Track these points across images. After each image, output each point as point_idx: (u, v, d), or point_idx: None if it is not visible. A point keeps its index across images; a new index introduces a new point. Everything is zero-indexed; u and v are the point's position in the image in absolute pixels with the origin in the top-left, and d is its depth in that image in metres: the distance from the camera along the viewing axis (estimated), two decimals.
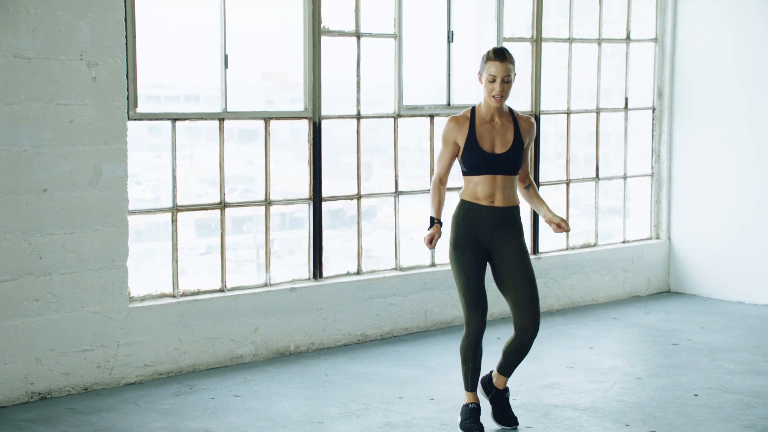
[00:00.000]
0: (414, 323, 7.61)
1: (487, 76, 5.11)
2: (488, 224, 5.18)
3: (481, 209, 5.18)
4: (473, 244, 5.20)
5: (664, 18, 9.16)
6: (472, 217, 5.19)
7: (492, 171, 5.16)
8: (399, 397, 6.03)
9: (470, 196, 5.22)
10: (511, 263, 5.21)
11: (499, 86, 5.10)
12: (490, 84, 5.11)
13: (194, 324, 6.57)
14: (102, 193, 6.20)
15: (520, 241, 5.23)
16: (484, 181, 5.18)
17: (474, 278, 5.21)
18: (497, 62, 5.07)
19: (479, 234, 5.20)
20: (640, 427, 5.44)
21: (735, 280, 8.85)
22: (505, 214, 5.20)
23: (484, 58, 5.15)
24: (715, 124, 8.93)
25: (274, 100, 6.99)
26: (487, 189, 5.18)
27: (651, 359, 6.92)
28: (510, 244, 5.21)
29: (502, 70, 5.08)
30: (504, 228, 5.20)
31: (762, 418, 5.61)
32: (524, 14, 8.32)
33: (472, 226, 5.19)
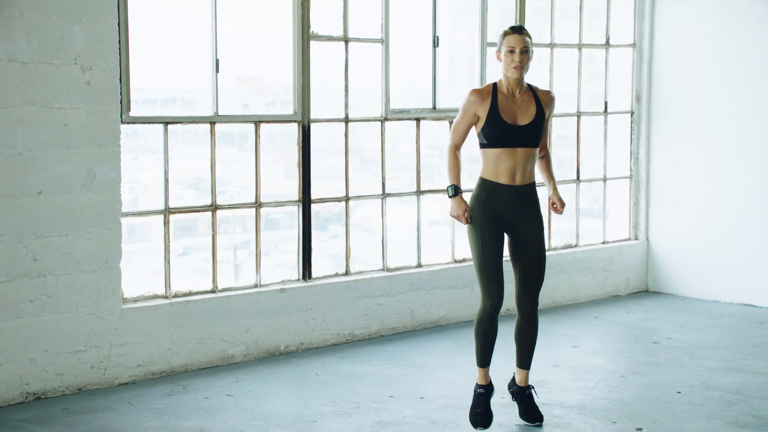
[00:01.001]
0: (401, 323, 7.61)
1: (506, 49, 5.20)
2: (509, 203, 5.25)
3: (502, 189, 5.23)
4: (493, 222, 5.25)
5: (641, 24, 9.22)
6: (493, 197, 5.24)
7: (513, 143, 5.20)
8: (389, 396, 6.04)
9: (491, 174, 5.25)
10: (527, 244, 5.30)
11: (519, 56, 5.17)
12: (510, 55, 5.20)
13: (186, 325, 6.55)
14: (96, 196, 6.17)
15: (539, 221, 5.33)
16: (506, 155, 5.21)
17: (492, 256, 5.24)
18: (515, 35, 5.20)
19: (500, 213, 5.25)
20: (627, 425, 5.47)
21: (711, 279, 8.91)
22: (525, 192, 5.26)
23: (502, 35, 5.26)
24: (691, 128, 9.00)
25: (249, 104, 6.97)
26: (509, 164, 5.21)
27: (633, 357, 6.96)
28: (530, 223, 5.30)
29: (520, 42, 5.18)
30: (524, 206, 5.28)
31: (744, 414, 5.66)
32: (506, 17, 8.35)
33: (493, 206, 5.24)
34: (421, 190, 7.80)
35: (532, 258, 5.33)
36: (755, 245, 8.63)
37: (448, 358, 6.94)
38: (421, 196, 7.80)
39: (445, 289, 7.83)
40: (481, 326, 5.34)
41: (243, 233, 9.78)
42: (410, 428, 5.45)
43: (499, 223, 5.27)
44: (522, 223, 5.29)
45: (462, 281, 7.92)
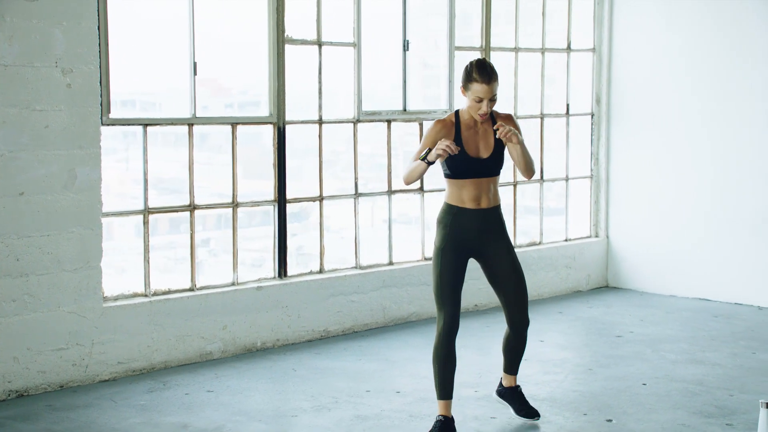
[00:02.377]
0: (373, 319, 7.62)
1: (473, 96, 4.93)
2: (475, 227, 5.08)
3: (468, 213, 5.07)
4: (458, 247, 5.08)
5: (601, 30, 9.30)
6: (459, 221, 5.07)
7: (477, 175, 5.06)
8: (366, 391, 6.04)
9: (456, 200, 5.09)
10: (501, 262, 5.14)
11: (486, 106, 4.95)
12: (477, 104, 4.94)
13: (165, 322, 6.50)
14: (77, 196, 6.11)
15: (507, 240, 5.19)
16: (470, 185, 5.06)
17: (450, 281, 5.04)
18: (484, 85, 4.89)
19: (467, 237, 5.08)
20: (597, 416, 5.52)
21: (668, 275, 9.02)
22: (491, 215, 5.12)
23: (469, 75, 4.96)
24: (648, 129, 9.10)
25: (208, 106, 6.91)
26: (473, 192, 5.07)
27: (598, 351, 7.02)
28: (498, 243, 5.14)
29: (488, 92, 4.91)
30: (491, 228, 5.12)
31: (707, 404, 5.73)
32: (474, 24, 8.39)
33: (459, 230, 5.07)
34: (392, 190, 7.80)
35: (509, 279, 5.16)
36: (709, 242, 8.75)
37: (421, 353, 6.95)
38: (392, 196, 7.81)
39: (415, 286, 7.85)
40: (439, 351, 5.07)
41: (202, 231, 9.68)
42: (389, 422, 5.46)
43: (464, 247, 5.10)
44: (490, 247, 5.13)
45: (431, 278, 7.92)
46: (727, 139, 8.60)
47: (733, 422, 5.40)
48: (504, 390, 5.49)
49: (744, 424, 5.36)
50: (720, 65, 8.59)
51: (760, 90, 8.37)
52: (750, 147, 8.47)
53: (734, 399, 5.83)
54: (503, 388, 5.49)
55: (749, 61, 8.42)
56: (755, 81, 8.40)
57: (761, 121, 8.39)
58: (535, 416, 5.38)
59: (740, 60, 8.47)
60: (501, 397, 5.52)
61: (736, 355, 6.87)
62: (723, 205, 8.67)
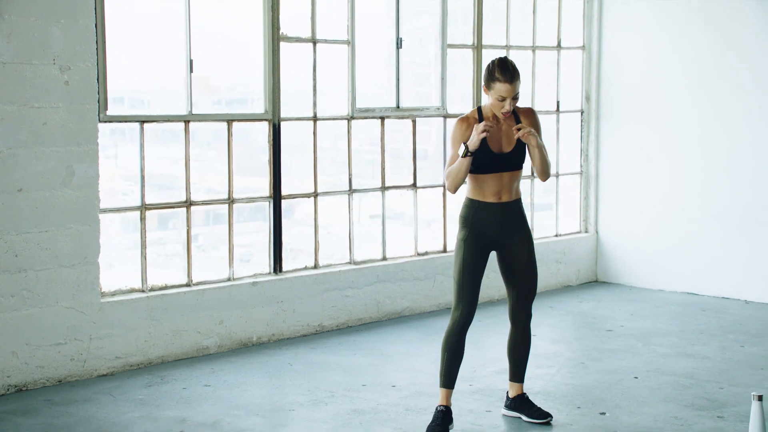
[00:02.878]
0: (367, 314, 7.63)
1: (496, 95, 4.93)
2: (496, 220, 5.09)
3: (489, 207, 5.07)
4: (479, 242, 5.09)
5: (590, 28, 9.32)
6: (481, 215, 5.08)
7: (500, 169, 5.05)
8: (362, 385, 6.05)
9: (477, 194, 5.09)
10: (519, 256, 5.17)
11: (509, 104, 4.94)
12: (500, 102, 4.94)
13: (162, 317, 6.50)
14: (75, 193, 6.09)
15: (527, 234, 5.19)
16: (492, 179, 5.05)
17: (471, 272, 5.06)
18: (507, 84, 4.91)
19: (488, 231, 5.09)
20: (591, 409, 5.55)
21: (656, 269, 9.06)
22: (512, 208, 5.12)
23: (491, 74, 4.96)
24: (637, 126, 9.13)
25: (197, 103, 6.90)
26: (495, 186, 5.06)
27: (590, 345, 7.05)
28: (519, 236, 5.15)
29: (511, 91, 4.93)
30: (512, 221, 5.13)
31: (698, 397, 5.76)
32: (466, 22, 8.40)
33: (481, 223, 5.08)
34: (385, 186, 7.81)
35: (524, 274, 5.19)
36: (696, 237, 8.79)
37: (415, 347, 6.97)
38: (385, 192, 7.82)
39: (409, 281, 7.87)
40: (449, 339, 5.13)
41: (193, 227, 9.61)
42: (386, 416, 5.47)
43: (485, 242, 5.12)
44: (510, 239, 5.14)
45: (425, 273, 7.96)
46: (716, 136, 8.64)
47: (724, 415, 5.43)
48: (512, 401, 5.38)
49: (735, 416, 5.39)
50: (709, 62, 8.63)
51: (749, 87, 8.41)
52: (738, 144, 8.51)
53: (724, 392, 5.86)
54: (510, 400, 5.39)
55: (738, 58, 8.46)
56: (744, 78, 8.43)
57: (749, 118, 8.43)
58: (548, 418, 5.26)
59: (729, 57, 8.51)
60: (510, 409, 5.39)
61: (725, 348, 6.91)
62: (710, 201, 8.71)
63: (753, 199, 8.46)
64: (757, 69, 8.35)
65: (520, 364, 5.36)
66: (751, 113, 8.41)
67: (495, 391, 5.87)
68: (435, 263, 8.05)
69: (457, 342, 5.13)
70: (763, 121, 8.35)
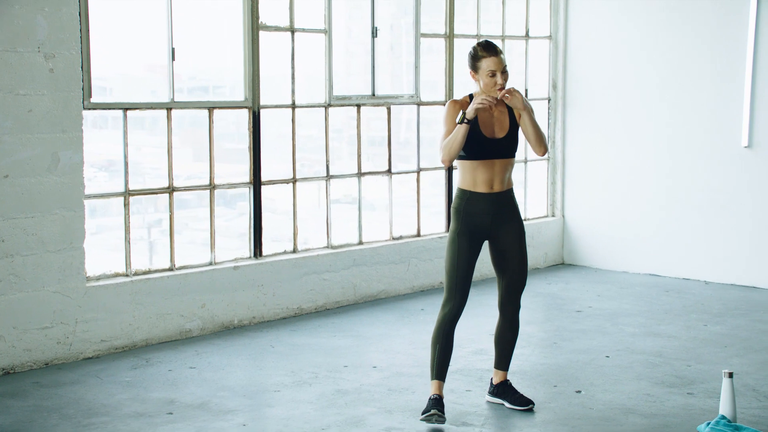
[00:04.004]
0: (344, 297, 7.64)
1: (487, 72, 4.85)
2: (488, 211, 4.97)
3: (481, 197, 4.96)
4: (472, 233, 4.97)
5: (557, 18, 9.38)
6: (472, 206, 4.96)
7: (492, 155, 4.93)
8: (344, 366, 6.06)
9: (469, 184, 4.97)
10: (510, 247, 5.05)
11: (501, 78, 4.86)
12: (491, 78, 4.85)
13: (146, 301, 6.47)
14: (60, 179, 6.04)
15: (519, 224, 5.08)
16: (483, 167, 4.93)
17: (464, 265, 4.95)
18: (493, 57, 4.84)
19: (480, 221, 4.98)
20: (567, 387, 5.61)
21: (620, 252, 9.17)
22: (504, 198, 5.01)
23: (476, 55, 4.90)
24: (602, 113, 9.22)
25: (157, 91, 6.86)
26: (486, 174, 4.95)
27: (561, 325, 7.12)
28: (510, 226, 5.05)
29: (499, 64, 4.84)
30: (504, 211, 5.02)
31: (667, 375, 5.85)
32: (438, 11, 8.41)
33: (472, 215, 4.97)
34: (361, 172, 7.82)
35: (516, 265, 5.09)
36: (659, 221, 8.90)
37: (392, 329, 7.00)
38: (361, 178, 7.83)
39: (384, 265, 7.89)
40: (441, 331, 5.01)
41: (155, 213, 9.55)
42: (369, 396, 5.49)
43: (477, 233, 5.00)
44: (502, 230, 5.03)
45: (399, 257, 7.99)
46: (677, 123, 8.74)
47: (694, 391, 5.52)
48: (495, 388, 5.32)
49: (704, 393, 5.48)
50: (671, 51, 8.72)
51: (709, 76, 8.52)
52: (699, 130, 8.62)
53: (692, 369, 5.96)
54: (494, 387, 5.33)
55: (699, 47, 8.56)
56: (704, 68, 8.54)
57: (709, 106, 8.54)
58: (529, 405, 5.20)
59: (690, 46, 8.61)
60: (494, 396, 5.33)
61: (689, 327, 7.02)
62: (672, 186, 8.82)
63: (713, 184, 8.59)
64: (717, 57, 8.45)
65: (506, 353, 5.29)
66: (711, 101, 8.52)
67: (474, 371, 5.92)
68: (409, 247, 8.09)
69: (448, 334, 5.02)
70: (723, 108, 8.46)
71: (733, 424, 4.72)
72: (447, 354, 5.05)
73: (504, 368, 5.32)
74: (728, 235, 8.53)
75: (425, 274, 8.18)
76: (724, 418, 4.75)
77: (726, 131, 8.49)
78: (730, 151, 8.49)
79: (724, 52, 8.41)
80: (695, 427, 4.89)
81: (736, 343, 6.58)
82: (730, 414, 4.78)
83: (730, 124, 8.45)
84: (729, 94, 8.42)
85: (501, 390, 5.31)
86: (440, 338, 5.03)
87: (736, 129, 8.44)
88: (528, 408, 5.20)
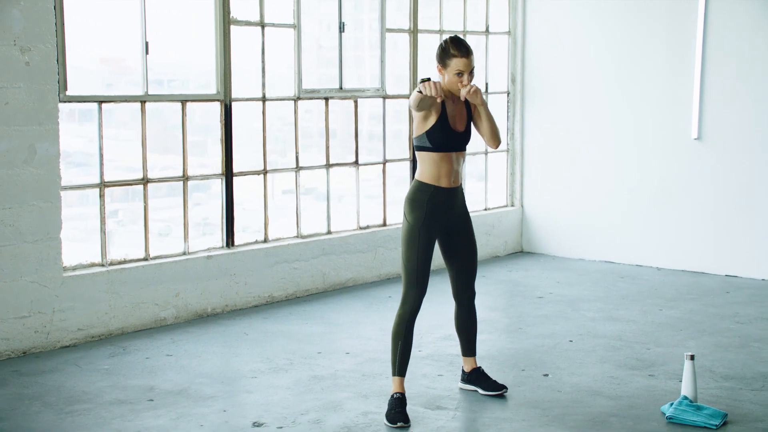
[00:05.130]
0: (314, 285, 7.65)
1: (454, 70, 4.78)
2: (448, 205, 4.93)
3: (443, 192, 4.89)
4: (432, 227, 4.90)
5: (515, 15, 9.45)
6: (435, 201, 4.88)
7: (454, 148, 4.90)
8: (318, 352, 6.08)
9: (433, 178, 4.88)
10: (463, 240, 5.06)
11: (467, 78, 4.79)
12: (458, 77, 4.79)
13: (122, 290, 6.43)
14: (37, 171, 5.97)
15: (469, 218, 5.10)
16: (446, 160, 4.86)
17: (423, 260, 4.87)
18: (463, 59, 4.78)
19: (440, 216, 4.91)
20: (534, 371, 5.68)
21: (576, 240, 9.29)
22: (460, 193, 5.02)
23: (446, 52, 4.81)
24: (559, 106, 9.32)
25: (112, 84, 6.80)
26: (448, 167, 4.87)
27: (524, 311, 7.20)
28: (465, 221, 5.06)
29: (467, 65, 4.79)
30: (460, 206, 5.04)
31: (629, 357, 5.95)
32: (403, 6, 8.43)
33: (435, 209, 4.89)
34: (329, 163, 7.83)
35: (467, 254, 5.07)
36: (613, 210, 9.04)
37: (362, 316, 7.03)
38: (329, 169, 7.83)
39: (352, 254, 7.91)
40: (401, 327, 4.92)
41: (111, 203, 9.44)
42: (344, 381, 5.51)
43: (437, 227, 4.93)
44: (458, 222, 5.01)
45: (366, 246, 8.02)
46: (630, 117, 8.87)
47: (655, 373, 5.63)
48: (467, 375, 5.31)
49: (665, 374, 5.59)
50: (625, 48, 8.84)
51: (662, 71, 8.64)
52: (650, 124, 8.76)
53: (651, 352, 6.07)
54: (466, 374, 5.32)
55: (650, 44, 8.69)
56: (657, 62, 8.67)
57: (661, 100, 8.68)
58: (502, 390, 5.23)
59: (643, 43, 8.73)
60: (467, 383, 5.32)
61: (646, 312, 7.14)
62: (625, 175, 8.96)
63: (664, 174, 8.74)
64: (669, 52, 8.59)
65: (470, 340, 5.30)
66: (661, 94, 8.66)
67: (444, 356, 5.97)
68: (376, 236, 8.12)
69: (408, 329, 4.93)
70: (674, 102, 8.60)
71: (695, 404, 4.83)
72: (409, 350, 4.96)
73: (472, 354, 5.34)
74: (679, 223, 8.68)
75: (391, 262, 8.21)
76: (687, 398, 4.86)
77: (677, 124, 8.64)
78: (681, 143, 8.64)
79: (676, 48, 8.55)
80: (659, 408, 4.99)
81: (690, 326, 6.71)
82: (691, 394, 4.89)
83: (680, 118, 8.60)
84: (680, 88, 8.56)
85: (474, 377, 5.32)
86: (401, 334, 4.93)
87: (687, 122, 8.58)
88: (501, 393, 5.23)
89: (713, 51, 8.35)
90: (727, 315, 7.02)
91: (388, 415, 4.84)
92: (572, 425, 4.79)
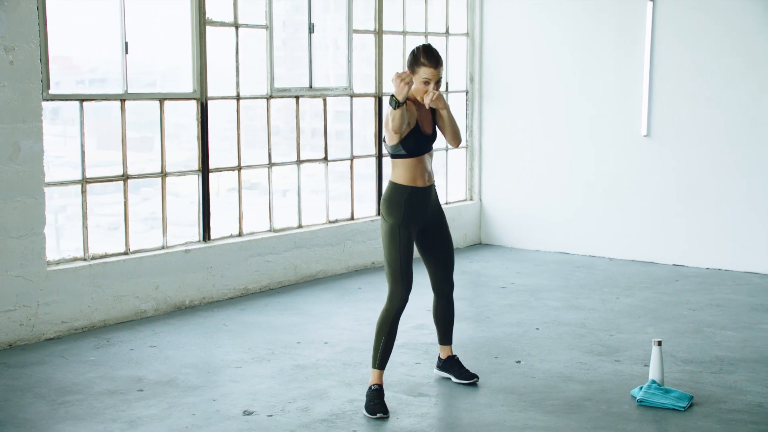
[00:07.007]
0: (286, 277, 7.66)
1: (422, 78, 4.78)
2: (425, 203, 4.96)
3: (420, 192, 4.91)
4: (412, 226, 4.92)
5: (473, 17, 9.54)
6: (413, 200, 4.89)
7: (425, 151, 4.95)
8: (297, 342, 6.10)
9: (408, 180, 4.89)
10: (440, 235, 5.10)
11: (433, 87, 4.80)
12: (425, 86, 4.81)
13: (104, 284, 6.37)
14: (21, 168, 5.89)
15: (443, 213, 5.14)
16: (420, 162, 4.90)
17: (406, 257, 4.88)
18: (431, 69, 4.78)
19: (418, 215, 4.93)
20: (507, 358, 5.77)
21: (533, 232, 9.42)
22: (434, 190, 5.05)
23: (416, 59, 4.81)
24: (515, 104, 9.43)
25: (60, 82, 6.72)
26: (421, 168, 4.90)
27: (490, 301, 7.29)
28: (440, 217, 5.10)
29: (435, 75, 4.79)
30: (435, 203, 5.08)
31: (594, 344, 6.07)
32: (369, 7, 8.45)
33: (412, 209, 4.90)
34: (300, 160, 7.83)
35: (444, 248, 5.12)
36: (567, 203, 9.19)
37: (334, 306, 7.06)
38: (300, 165, 7.84)
39: (322, 247, 7.93)
40: (386, 325, 4.90)
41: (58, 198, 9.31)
42: (326, 370, 5.54)
43: (416, 225, 4.95)
44: (434, 220, 5.05)
45: (336, 239, 8.05)
46: (583, 114, 9.03)
47: (620, 359, 5.75)
48: (443, 362, 5.37)
49: (629, 359, 5.72)
50: (578, 48, 8.98)
51: (613, 70, 8.80)
52: (602, 121, 8.92)
53: (614, 338, 6.20)
54: (442, 361, 5.38)
55: (602, 44, 8.84)
56: (608, 62, 8.82)
57: (612, 98, 8.84)
58: (474, 379, 5.27)
59: (594, 43, 8.88)
60: (442, 369, 5.38)
61: (604, 300, 7.28)
62: (579, 170, 9.11)
63: (615, 169, 8.91)
64: (619, 52, 8.75)
65: (447, 329, 5.34)
66: (613, 93, 8.82)
67: (420, 345, 6.03)
68: (345, 230, 8.15)
69: (393, 325, 4.92)
70: (624, 100, 8.77)
71: (663, 387, 4.96)
72: (391, 344, 4.97)
73: (448, 343, 5.39)
74: (630, 216, 8.86)
75: (359, 254, 8.26)
76: (655, 382, 4.99)
77: (627, 122, 8.81)
78: (631, 139, 8.81)
79: (626, 48, 8.72)
80: (629, 391, 5.11)
81: (647, 313, 6.87)
82: (659, 378, 5.02)
83: (631, 115, 8.77)
84: (630, 87, 8.73)
85: (448, 364, 5.38)
86: (386, 330, 4.92)
87: (636, 119, 8.76)
88: (472, 382, 5.28)
89: (661, 52, 8.53)
90: (680, 302, 7.20)
91: (368, 407, 4.84)
92: (549, 410, 4.88)
